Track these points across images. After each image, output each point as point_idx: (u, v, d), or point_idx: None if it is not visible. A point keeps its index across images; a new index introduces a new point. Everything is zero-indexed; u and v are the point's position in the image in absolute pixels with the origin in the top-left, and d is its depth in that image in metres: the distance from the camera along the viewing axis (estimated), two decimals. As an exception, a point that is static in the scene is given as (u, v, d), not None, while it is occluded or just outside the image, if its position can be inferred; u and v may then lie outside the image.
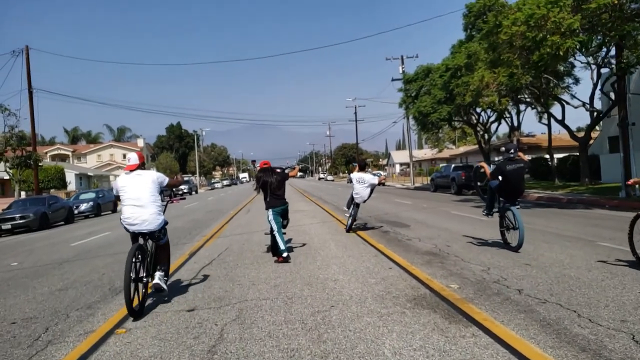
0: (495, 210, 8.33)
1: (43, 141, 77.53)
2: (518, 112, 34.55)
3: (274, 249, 7.97)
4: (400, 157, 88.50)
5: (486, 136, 35.50)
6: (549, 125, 30.25)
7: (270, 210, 7.99)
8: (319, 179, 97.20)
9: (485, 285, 5.56)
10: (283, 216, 8.20)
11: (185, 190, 49.71)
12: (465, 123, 35.52)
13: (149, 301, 5.63)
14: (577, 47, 14.53)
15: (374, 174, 13.28)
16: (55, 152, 67.67)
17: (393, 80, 43.85)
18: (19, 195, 26.68)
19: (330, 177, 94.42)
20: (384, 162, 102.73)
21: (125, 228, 5.55)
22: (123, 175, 5.71)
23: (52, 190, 39.08)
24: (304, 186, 53.01)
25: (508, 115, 33.98)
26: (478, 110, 33.75)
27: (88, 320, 5.20)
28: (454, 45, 32.83)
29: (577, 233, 9.24)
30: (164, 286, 5.51)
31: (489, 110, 34.41)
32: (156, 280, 5.44)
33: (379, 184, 11.83)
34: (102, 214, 26.02)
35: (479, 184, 10.02)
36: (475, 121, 35.21)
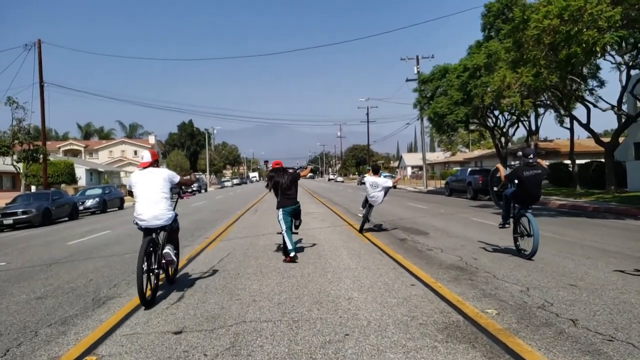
0: (501, 226, 8.22)
1: (56, 136, 77.81)
2: (537, 116, 33.42)
3: (285, 249, 7.88)
4: (412, 159, 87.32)
5: (503, 140, 34.34)
6: (571, 129, 28.99)
7: (281, 209, 7.96)
8: (329, 180, 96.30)
9: (529, 312, 4.65)
10: (295, 216, 8.20)
11: (194, 188, 49.18)
12: (482, 126, 34.38)
13: (136, 316, 4.82)
14: (616, 42, 13.45)
15: (386, 176, 12.78)
16: (68, 147, 67.67)
17: (408, 80, 42.95)
18: (27, 189, 26.13)
19: (340, 178, 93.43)
20: (395, 164, 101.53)
21: (136, 223, 5.75)
22: (136, 172, 5.93)
23: (63, 185, 38.76)
24: (314, 187, 52.21)
25: (526, 119, 32.86)
26: (496, 112, 32.72)
27: (57, 340, 4.40)
28: (471, 46, 31.86)
29: (620, 248, 8.26)
30: (173, 257, 5.85)
31: (506, 113, 33.38)
32: (166, 250, 5.74)
33: (393, 186, 11.49)
34: (109, 210, 25.43)
35: (494, 188, 9.47)
36: (492, 124, 34.10)
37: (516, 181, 7.50)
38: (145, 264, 5.28)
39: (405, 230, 11.44)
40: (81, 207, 23.22)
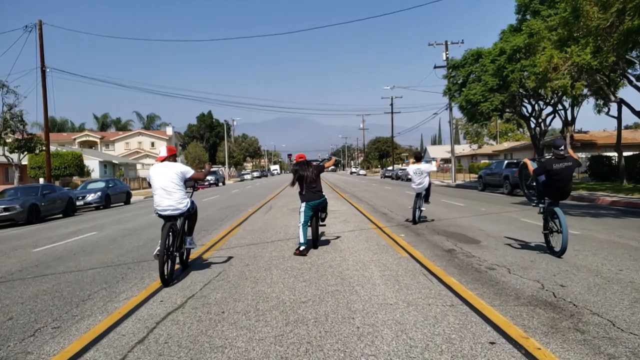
0: (540, 212, 7.60)
1: (72, 127, 77.16)
2: (573, 105, 30.45)
3: (315, 241, 8.15)
4: (436, 152, 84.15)
5: (538, 130, 31.37)
6: (619, 117, 25.90)
7: (304, 203, 7.79)
8: (351, 173, 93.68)
9: None
10: (321, 209, 8.10)
11: (211, 182, 47.54)
12: (517, 115, 31.50)
13: None
14: None
15: (427, 161, 12.39)
16: (84, 138, 66.81)
17: (436, 67, 40.18)
18: (19, 182, 24.47)
19: (362, 172, 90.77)
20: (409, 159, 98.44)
21: (156, 213, 6.25)
22: (154, 166, 6.40)
23: (75, 178, 37.38)
24: (335, 180, 49.90)
25: (561, 108, 29.94)
26: (533, 101, 29.85)
27: None
28: (503, 31, 29.08)
29: None
30: (194, 246, 6.90)
31: (541, 102, 30.50)
32: (187, 246, 6.60)
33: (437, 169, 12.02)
34: (112, 205, 23.63)
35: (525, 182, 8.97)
36: (528, 113, 31.23)
37: (544, 176, 7.12)
38: (165, 248, 5.87)
39: (450, 237, 9.11)
40: (81, 202, 21.47)
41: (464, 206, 15.96)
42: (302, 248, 7.51)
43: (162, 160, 6.41)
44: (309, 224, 7.85)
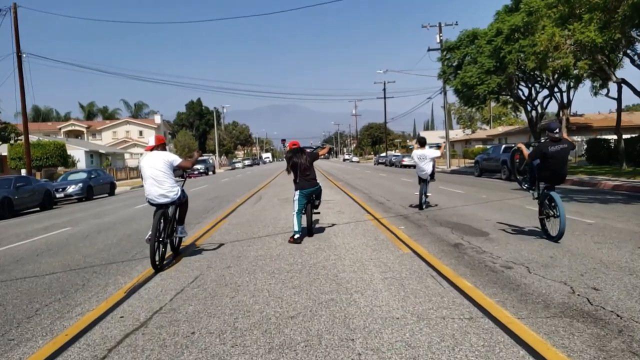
0: (535, 197, 7.48)
1: (58, 116, 75.37)
2: (569, 87, 29.68)
3: (309, 229, 7.94)
4: (429, 138, 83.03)
5: (534, 114, 30.57)
6: (619, 99, 25.14)
7: (298, 191, 7.68)
8: (344, 160, 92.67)
9: None
10: (315, 197, 7.94)
11: (201, 170, 46.44)
12: (514, 98, 30.67)
13: None
14: None
15: (431, 146, 12.86)
16: (69, 128, 65.18)
17: (430, 50, 39.14)
18: (13, 172, 23.28)
19: (355, 159, 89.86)
20: (412, 143, 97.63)
21: (148, 201, 6.38)
22: (143, 155, 6.61)
23: (60, 168, 36.16)
24: (328, 168, 49.04)
25: (557, 90, 29.17)
26: (529, 83, 29.03)
27: None
28: (498, 12, 28.13)
29: None
30: (185, 235, 7.06)
31: (537, 85, 29.69)
32: (179, 235, 6.82)
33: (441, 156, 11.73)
34: (96, 197, 22.60)
35: (517, 167, 8.82)
36: (524, 96, 30.42)
37: (539, 160, 7.06)
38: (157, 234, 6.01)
39: (454, 228, 8.29)
40: (61, 195, 20.42)
41: (463, 193, 15.18)
42: (296, 236, 7.44)
43: (151, 150, 6.51)
44: (303, 212, 7.73)
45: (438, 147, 12.58)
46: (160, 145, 6.57)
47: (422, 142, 11.48)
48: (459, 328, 3.69)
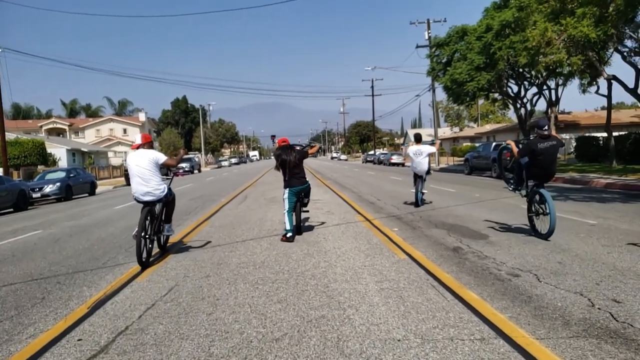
0: (524, 195, 7.39)
1: (39, 114, 73.65)
2: (557, 85, 29.54)
3: (298, 227, 7.78)
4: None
5: (523, 111, 30.36)
6: (609, 96, 24.95)
7: (287, 189, 7.57)
8: (332, 158, 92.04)
9: None
10: (304, 195, 7.85)
11: (186, 169, 45.53)
12: (504, 95, 30.41)
13: None
14: None
15: (426, 143, 12.73)
16: (51, 125, 63.59)
17: (418, 47, 38.79)
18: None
19: (343, 157, 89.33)
20: (400, 141, 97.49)
21: (135, 199, 6.42)
22: (129, 154, 6.69)
23: (40, 167, 35.07)
24: (316, 166, 48.49)
25: (546, 88, 29.00)
26: (520, 80, 28.76)
27: None
28: (487, 8, 27.83)
29: None
30: (172, 233, 7.06)
31: (526, 82, 29.47)
32: (165, 233, 6.88)
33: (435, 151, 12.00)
34: (75, 197, 21.76)
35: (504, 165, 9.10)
36: (513, 94, 30.19)
37: (528, 157, 6.97)
38: (143, 231, 6.08)
39: (451, 230, 7.81)
40: (38, 195, 19.59)
41: (455, 192, 14.76)
42: (289, 235, 7.34)
43: (137, 148, 6.54)
44: (294, 209, 7.63)
45: (432, 143, 12.62)
46: (147, 144, 6.58)
47: (417, 139, 11.51)
48: (471, 352, 3.18)
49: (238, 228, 9.01)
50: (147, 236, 6.20)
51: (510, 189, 7.82)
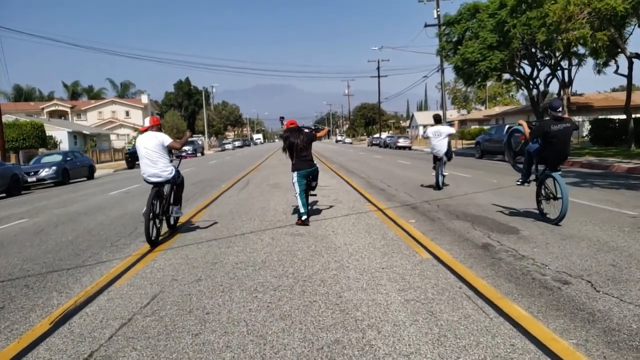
0: (532, 179, 7.19)
1: (41, 96, 72.74)
2: (571, 65, 28.36)
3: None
4: (424, 118, 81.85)
5: (535, 92, 29.20)
6: (629, 76, 23.69)
7: (296, 173, 7.35)
8: (336, 141, 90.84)
9: None
10: (312, 178, 7.64)
11: (189, 152, 44.72)
12: (517, 76, 29.24)
13: None
14: None
15: (446, 124, 11.82)
16: (53, 108, 62.71)
17: (427, 26, 37.46)
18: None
19: (348, 140, 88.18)
20: (406, 124, 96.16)
21: (145, 180, 6.62)
22: (139, 136, 6.84)
23: (41, 150, 34.37)
24: (321, 150, 47.53)
25: (559, 68, 27.82)
26: (537, 56, 27.51)
27: None
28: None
29: None
30: (180, 214, 7.28)
31: (538, 63, 28.27)
32: (174, 215, 7.07)
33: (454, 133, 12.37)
34: (72, 181, 21.03)
35: (513, 149, 8.51)
36: (525, 74, 29.01)
37: (540, 139, 6.71)
38: (152, 211, 6.25)
39: (476, 222, 6.96)
40: (33, 179, 18.87)
41: (470, 177, 13.88)
42: (304, 217, 7.17)
43: (145, 130, 6.70)
44: (304, 192, 7.44)
45: (451, 124, 11.95)
46: (155, 127, 6.72)
47: (437, 119, 11.45)
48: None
49: (238, 219, 8.19)
50: (155, 216, 6.36)
51: (518, 183, 7.42)
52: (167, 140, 6.60)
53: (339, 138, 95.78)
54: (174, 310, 3.88)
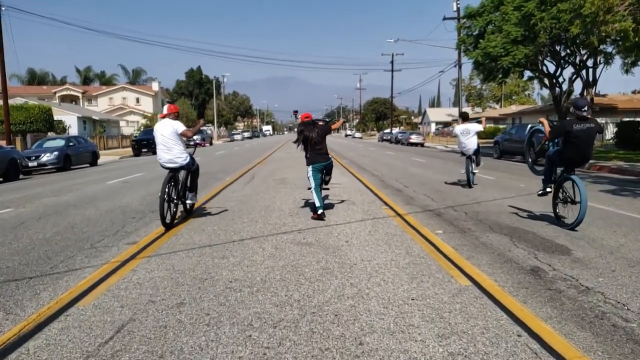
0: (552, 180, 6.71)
1: (54, 80, 72.35)
2: (596, 63, 27.00)
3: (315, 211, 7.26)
4: (436, 115, 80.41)
5: (557, 90, 27.87)
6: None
7: (311, 166, 7.25)
8: (346, 135, 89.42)
9: None
10: (327, 171, 7.58)
11: (197, 141, 43.85)
12: (540, 73, 27.95)
13: None
14: None
15: (473, 121, 12.21)
16: (65, 92, 62.22)
17: (445, 19, 36.21)
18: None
19: (358, 134, 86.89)
20: (418, 120, 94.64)
21: (162, 165, 6.90)
22: (157, 123, 7.04)
23: (50, 134, 33.74)
24: (330, 144, 46.43)
25: (584, 66, 26.48)
26: (566, 50, 26.19)
27: None
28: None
29: None
30: (195, 201, 7.55)
31: (561, 61, 26.95)
32: (189, 201, 7.32)
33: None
34: (74, 167, 20.26)
35: (531, 150, 8.22)
36: (548, 72, 27.70)
37: (561, 139, 6.41)
38: (167, 195, 6.56)
39: (514, 236, 5.93)
40: (34, 163, 18.11)
41: (494, 180, 12.81)
42: (320, 212, 7.06)
43: (163, 117, 6.97)
44: (320, 185, 7.33)
45: (478, 122, 11.59)
46: (172, 114, 6.98)
47: (464, 117, 11.44)
48: None
49: (238, 220, 7.25)
50: (170, 200, 6.66)
51: (540, 193, 6.95)
52: (180, 127, 6.82)
53: (348, 132, 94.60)
54: (142, 351, 2.94)
